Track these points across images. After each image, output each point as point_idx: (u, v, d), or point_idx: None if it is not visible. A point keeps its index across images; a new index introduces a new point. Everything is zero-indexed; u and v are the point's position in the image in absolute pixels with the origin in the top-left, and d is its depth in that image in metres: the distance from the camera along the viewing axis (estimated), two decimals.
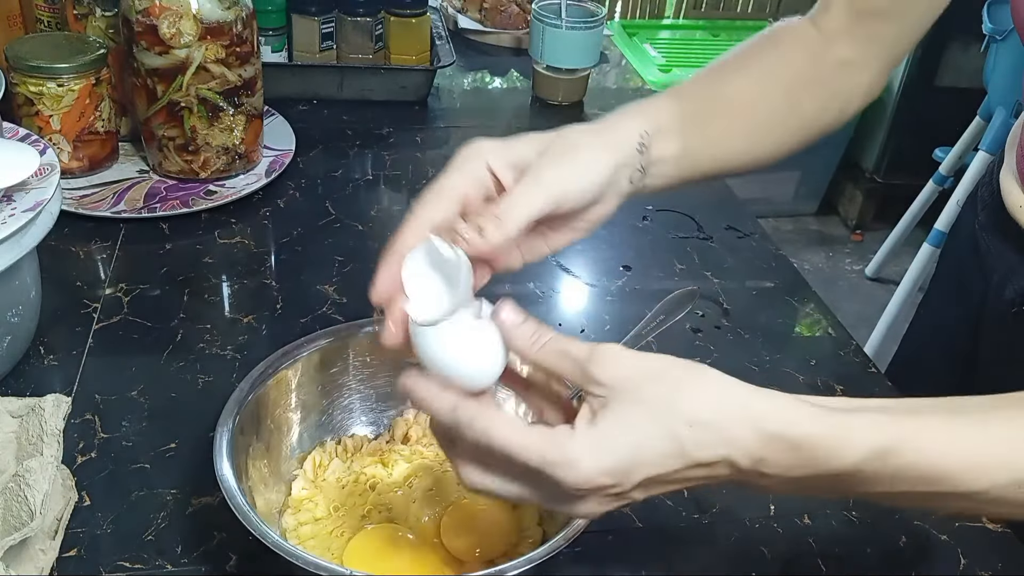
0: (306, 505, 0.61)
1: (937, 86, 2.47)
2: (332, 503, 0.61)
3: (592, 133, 0.55)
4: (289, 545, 0.51)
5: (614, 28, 2.69)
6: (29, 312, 0.71)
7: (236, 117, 0.94)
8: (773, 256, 0.95)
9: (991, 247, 0.76)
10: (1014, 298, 0.72)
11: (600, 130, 0.55)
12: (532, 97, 1.25)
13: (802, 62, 0.64)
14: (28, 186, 0.66)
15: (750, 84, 0.63)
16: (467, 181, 0.51)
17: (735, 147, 0.62)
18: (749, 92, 0.62)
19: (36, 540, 0.56)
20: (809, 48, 0.64)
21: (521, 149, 0.53)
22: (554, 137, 0.54)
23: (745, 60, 0.64)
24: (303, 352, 0.63)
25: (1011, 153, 0.75)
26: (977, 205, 0.79)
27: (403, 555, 0.58)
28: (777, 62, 0.64)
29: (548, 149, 0.52)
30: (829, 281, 2.55)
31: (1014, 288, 0.72)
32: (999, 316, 0.74)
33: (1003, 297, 0.73)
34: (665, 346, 0.80)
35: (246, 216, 0.93)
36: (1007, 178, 0.74)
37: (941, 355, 0.85)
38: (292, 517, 0.60)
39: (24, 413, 0.64)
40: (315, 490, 0.62)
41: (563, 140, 0.53)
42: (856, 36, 0.64)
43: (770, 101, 0.63)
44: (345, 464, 0.64)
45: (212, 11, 0.88)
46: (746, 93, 0.62)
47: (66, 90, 0.88)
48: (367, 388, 0.67)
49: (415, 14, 1.19)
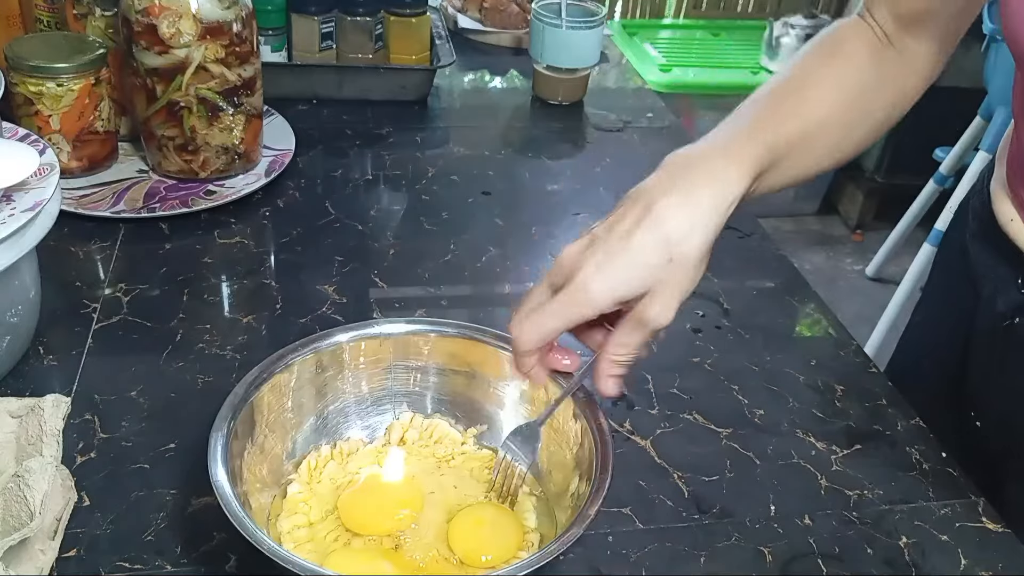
0: (301, 508, 0.61)
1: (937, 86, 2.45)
2: (327, 507, 0.61)
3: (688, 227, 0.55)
4: (284, 551, 0.51)
5: (614, 28, 2.69)
6: (28, 312, 0.71)
7: (236, 117, 0.94)
8: (773, 256, 0.95)
9: (982, 259, 0.75)
10: (1005, 312, 0.71)
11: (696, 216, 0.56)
12: (532, 97, 1.25)
13: (867, 66, 0.65)
14: (27, 186, 0.66)
15: (827, 107, 0.63)
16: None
17: (812, 171, 0.64)
18: (827, 115, 0.63)
19: (35, 540, 0.56)
20: (871, 48, 0.66)
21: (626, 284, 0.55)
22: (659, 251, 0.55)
23: (817, 78, 0.64)
24: (298, 356, 0.63)
25: (1001, 164, 0.74)
26: (968, 214, 0.79)
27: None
28: (845, 72, 0.65)
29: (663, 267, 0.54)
30: (829, 281, 2.55)
31: (1005, 302, 0.71)
32: (990, 328, 0.73)
33: (994, 310, 0.72)
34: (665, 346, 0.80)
35: (246, 216, 0.93)
36: (997, 190, 0.73)
37: (934, 363, 0.84)
38: (287, 521, 0.60)
39: (23, 413, 0.64)
40: (310, 493, 0.62)
41: (679, 252, 0.54)
42: (907, 32, 0.66)
43: (846, 117, 0.64)
44: (340, 467, 0.64)
45: (212, 11, 0.88)
46: (824, 116, 0.63)
47: (66, 90, 0.88)
48: (362, 392, 0.67)
49: (415, 14, 1.19)
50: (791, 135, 0.60)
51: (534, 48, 1.22)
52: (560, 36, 1.19)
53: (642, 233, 0.53)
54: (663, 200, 0.54)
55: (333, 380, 0.65)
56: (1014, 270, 0.71)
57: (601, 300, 0.53)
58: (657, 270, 0.53)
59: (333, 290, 0.83)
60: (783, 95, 0.63)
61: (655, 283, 0.54)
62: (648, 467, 0.68)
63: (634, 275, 0.53)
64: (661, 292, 0.54)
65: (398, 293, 0.84)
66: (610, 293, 0.53)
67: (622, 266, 0.53)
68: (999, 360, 0.73)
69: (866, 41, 0.66)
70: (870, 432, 0.73)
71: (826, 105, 0.63)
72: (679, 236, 0.54)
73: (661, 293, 0.54)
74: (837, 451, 0.71)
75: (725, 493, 0.66)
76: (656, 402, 0.74)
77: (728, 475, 0.68)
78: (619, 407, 0.73)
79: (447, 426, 0.67)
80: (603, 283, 0.53)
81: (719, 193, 0.56)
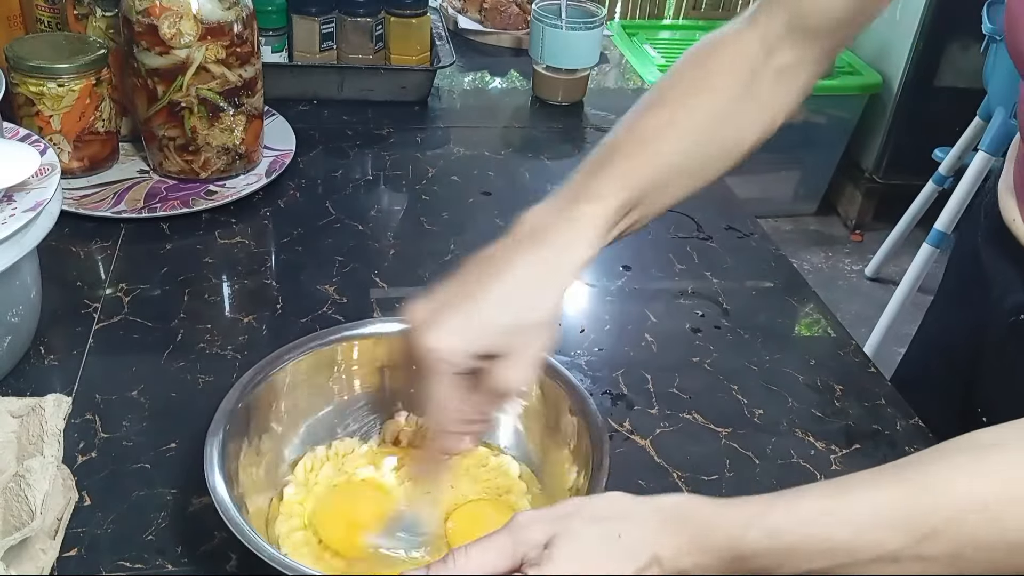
0: (298, 511, 0.61)
1: (937, 86, 2.47)
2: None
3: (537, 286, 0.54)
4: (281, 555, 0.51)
5: (614, 28, 2.69)
6: (29, 312, 0.71)
7: (236, 117, 0.94)
8: (773, 256, 0.95)
9: (991, 258, 0.75)
10: (1012, 309, 0.71)
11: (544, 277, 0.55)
12: (532, 97, 1.25)
13: (738, 94, 0.62)
14: (28, 186, 0.66)
15: (685, 150, 0.61)
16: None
17: (667, 208, 0.63)
18: (684, 159, 0.61)
19: (36, 540, 0.56)
20: (748, 69, 0.62)
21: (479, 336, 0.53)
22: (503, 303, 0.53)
23: (677, 118, 0.62)
24: (291, 358, 0.63)
25: (1009, 166, 0.74)
26: (980, 213, 0.79)
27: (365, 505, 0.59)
28: (710, 107, 0.62)
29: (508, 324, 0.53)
30: (829, 281, 2.55)
31: (1013, 300, 0.71)
32: (1000, 327, 0.73)
33: (1003, 308, 0.72)
34: (665, 346, 0.81)
35: (246, 216, 0.93)
36: (1004, 190, 0.74)
37: (945, 363, 0.84)
38: (284, 523, 0.60)
39: (24, 413, 0.64)
40: (307, 495, 0.62)
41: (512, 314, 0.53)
42: (797, 43, 0.62)
43: (705, 155, 0.62)
44: (336, 468, 0.64)
45: (212, 11, 0.88)
46: (681, 161, 0.61)
47: (66, 90, 0.88)
48: (356, 392, 0.67)
49: (415, 14, 1.19)
50: (645, 186, 0.59)
51: (534, 49, 1.22)
52: (560, 37, 1.19)
53: (494, 298, 0.53)
54: (518, 269, 0.54)
55: (328, 381, 0.66)
56: (1021, 269, 0.71)
57: (452, 357, 0.52)
58: (506, 336, 0.53)
59: (333, 290, 0.84)
60: (640, 141, 0.61)
61: (507, 348, 0.53)
62: (648, 467, 0.68)
63: (483, 336, 0.52)
64: (516, 357, 0.53)
65: (398, 293, 0.84)
66: (462, 349, 0.52)
67: (471, 326, 0.52)
68: (1009, 359, 0.74)
69: (745, 58, 0.62)
70: (869, 432, 0.73)
71: (684, 148, 0.61)
72: (532, 304, 0.53)
73: (516, 358, 0.53)
74: (836, 451, 0.71)
75: (725, 492, 0.66)
76: (656, 402, 0.74)
77: (728, 475, 0.68)
78: (619, 407, 0.73)
79: None
80: (449, 340, 0.52)
81: (571, 263, 0.55)
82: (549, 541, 0.45)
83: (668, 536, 0.45)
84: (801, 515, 0.45)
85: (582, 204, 0.57)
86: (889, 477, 0.46)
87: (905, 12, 2.45)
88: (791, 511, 0.45)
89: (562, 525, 0.46)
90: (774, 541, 0.44)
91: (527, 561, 0.45)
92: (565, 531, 0.45)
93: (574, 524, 0.46)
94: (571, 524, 0.46)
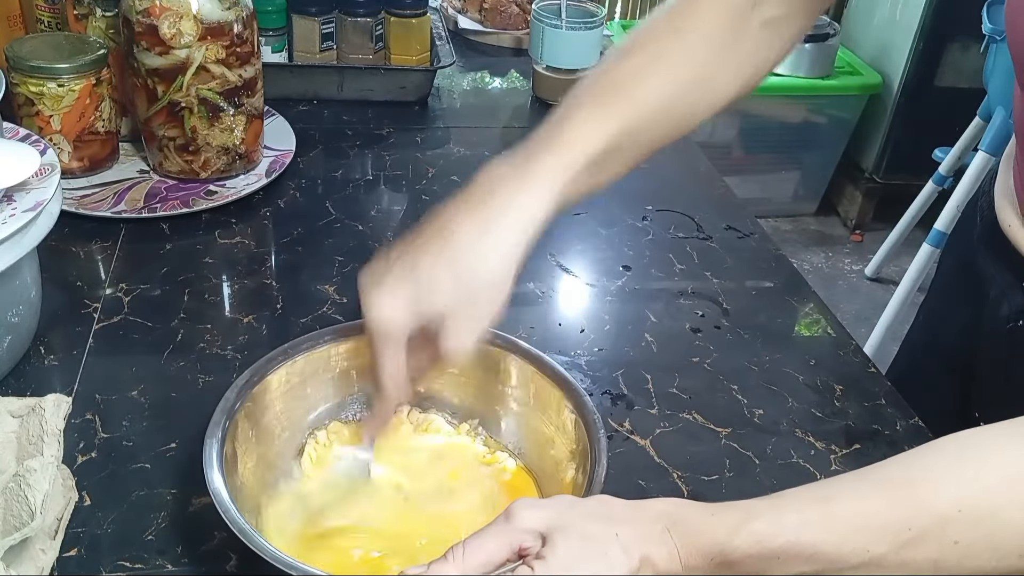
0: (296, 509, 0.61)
1: (937, 86, 2.47)
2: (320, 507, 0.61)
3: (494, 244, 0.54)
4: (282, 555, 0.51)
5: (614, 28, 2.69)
6: (29, 312, 0.71)
7: (236, 117, 0.94)
8: (773, 256, 0.95)
9: (986, 261, 0.75)
10: (1009, 315, 0.71)
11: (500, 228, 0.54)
12: (532, 97, 1.25)
13: (718, 44, 0.61)
14: (28, 186, 0.66)
15: (657, 100, 0.60)
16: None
17: (640, 161, 0.62)
18: (656, 110, 0.60)
19: (36, 540, 0.56)
20: (729, 18, 0.61)
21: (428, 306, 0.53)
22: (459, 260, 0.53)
23: (654, 67, 0.60)
24: (288, 358, 0.64)
25: (1006, 170, 0.74)
26: (976, 215, 0.78)
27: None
28: (688, 56, 0.61)
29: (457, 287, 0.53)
30: (829, 281, 2.55)
31: (1009, 305, 0.71)
32: (995, 331, 0.73)
33: (999, 314, 0.72)
34: (665, 346, 0.81)
35: (246, 216, 0.93)
36: (1000, 195, 0.73)
37: (939, 364, 0.84)
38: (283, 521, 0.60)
39: (24, 413, 0.64)
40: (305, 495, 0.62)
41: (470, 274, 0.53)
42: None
43: (681, 106, 0.61)
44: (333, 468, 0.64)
45: (212, 11, 0.88)
46: (653, 112, 0.60)
47: (66, 90, 0.88)
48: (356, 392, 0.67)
49: (415, 14, 1.19)
50: (619, 132, 0.58)
51: (534, 49, 1.22)
52: (560, 37, 1.19)
53: (437, 263, 0.53)
54: (460, 232, 0.54)
55: (326, 380, 0.66)
56: (1017, 275, 0.71)
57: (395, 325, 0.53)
58: (449, 301, 0.53)
59: (333, 290, 0.84)
60: (613, 88, 0.59)
61: (451, 313, 0.53)
62: (648, 467, 0.68)
63: (426, 303, 0.53)
64: (459, 322, 0.53)
65: None
66: (404, 317, 0.53)
67: (414, 292, 0.53)
68: (1006, 363, 0.73)
69: (730, 7, 0.61)
70: (869, 432, 0.73)
71: (662, 90, 0.60)
72: (474, 267, 0.53)
73: (459, 323, 0.53)
74: (836, 451, 0.71)
75: (724, 492, 0.66)
76: (656, 402, 0.74)
77: (727, 474, 0.68)
78: (619, 407, 0.73)
79: (442, 421, 0.68)
80: (392, 309, 0.53)
81: (518, 221, 0.55)
82: (547, 535, 0.45)
83: (660, 538, 0.46)
84: (786, 522, 0.45)
85: (543, 155, 0.56)
86: (873, 481, 0.47)
87: (905, 12, 2.45)
88: (777, 518, 0.45)
89: (561, 519, 0.46)
90: (760, 547, 0.45)
91: (527, 551, 0.45)
92: (565, 527, 0.45)
93: (573, 521, 0.46)
94: (570, 520, 0.46)
